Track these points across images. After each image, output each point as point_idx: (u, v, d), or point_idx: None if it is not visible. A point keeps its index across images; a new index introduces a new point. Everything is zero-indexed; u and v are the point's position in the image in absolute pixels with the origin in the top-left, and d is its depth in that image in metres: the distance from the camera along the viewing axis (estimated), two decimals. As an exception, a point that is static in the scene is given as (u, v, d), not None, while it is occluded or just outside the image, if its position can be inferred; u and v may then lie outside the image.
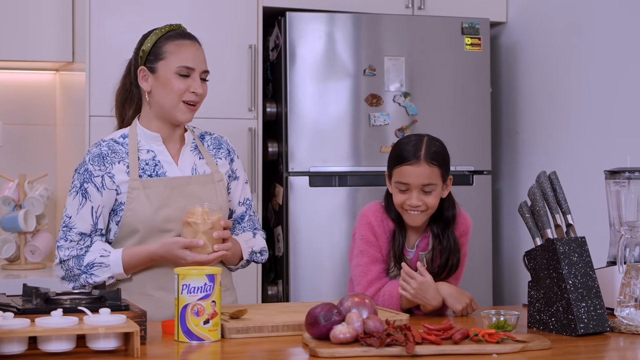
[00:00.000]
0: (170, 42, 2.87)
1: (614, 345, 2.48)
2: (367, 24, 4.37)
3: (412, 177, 2.93)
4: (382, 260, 2.98)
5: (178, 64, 2.84)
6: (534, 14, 4.61)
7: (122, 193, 2.81)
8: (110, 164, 2.82)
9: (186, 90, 2.84)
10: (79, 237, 2.80)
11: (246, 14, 4.24)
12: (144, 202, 2.80)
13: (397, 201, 2.97)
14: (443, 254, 3.00)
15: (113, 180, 2.81)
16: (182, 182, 2.86)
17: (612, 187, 2.89)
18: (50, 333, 2.15)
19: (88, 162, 2.83)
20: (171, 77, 2.84)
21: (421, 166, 2.94)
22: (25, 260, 4.26)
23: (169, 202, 2.82)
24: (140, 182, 2.81)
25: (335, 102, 4.31)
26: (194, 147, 2.96)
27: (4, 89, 4.51)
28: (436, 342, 2.28)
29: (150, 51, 2.88)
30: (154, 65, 2.86)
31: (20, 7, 4.19)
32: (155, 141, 2.89)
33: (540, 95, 4.56)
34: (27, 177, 4.33)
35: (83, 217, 2.81)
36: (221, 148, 3.02)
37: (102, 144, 2.87)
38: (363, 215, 3.05)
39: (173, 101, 2.84)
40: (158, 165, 2.86)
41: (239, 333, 2.45)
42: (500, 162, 4.79)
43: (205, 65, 2.91)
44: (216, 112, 4.14)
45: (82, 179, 2.82)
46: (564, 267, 2.55)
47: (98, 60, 4.01)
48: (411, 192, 2.94)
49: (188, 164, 2.92)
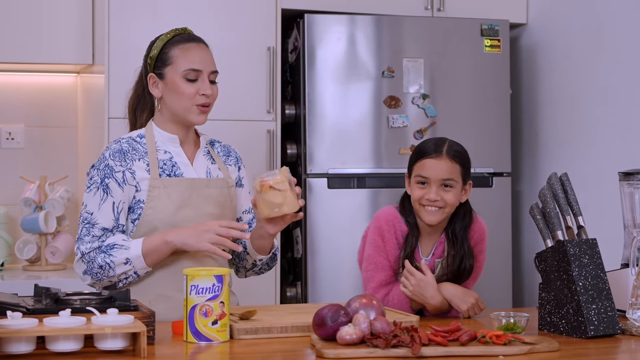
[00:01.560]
0: (176, 47, 2.89)
1: (625, 347, 2.47)
2: (386, 26, 4.37)
3: (432, 170, 2.94)
4: (388, 266, 2.97)
5: (185, 67, 2.85)
6: (554, 15, 4.59)
7: (141, 190, 2.83)
8: (131, 160, 2.84)
9: (196, 94, 2.85)
10: (101, 232, 2.79)
11: (265, 16, 4.25)
12: (165, 201, 2.82)
13: (415, 196, 2.96)
14: (456, 259, 2.99)
15: (134, 176, 2.82)
16: (201, 184, 2.88)
17: (626, 188, 2.87)
18: (56, 333, 2.17)
19: (109, 158, 2.83)
20: (179, 81, 2.85)
21: (442, 160, 2.96)
22: (46, 261, 4.30)
23: (189, 203, 2.85)
24: (161, 181, 2.83)
25: (353, 104, 4.32)
26: (206, 151, 2.99)
27: (26, 91, 4.54)
28: (442, 344, 2.27)
29: (158, 57, 2.89)
30: (162, 72, 2.88)
31: (41, 11, 4.22)
32: (173, 143, 2.91)
33: (560, 96, 4.54)
34: (48, 178, 4.37)
35: (105, 213, 2.80)
36: (230, 155, 3.05)
37: (122, 141, 2.89)
38: (375, 219, 3.05)
39: (185, 105, 2.86)
40: (175, 166, 2.88)
41: (247, 334, 2.46)
42: (521, 164, 4.77)
43: (213, 66, 2.91)
44: (235, 114, 4.17)
45: (103, 175, 2.82)
46: (574, 269, 2.53)
47: (117, 63, 4.03)
48: (430, 187, 2.94)
49: (202, 167, 2.94)
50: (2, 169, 4.49)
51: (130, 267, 2.76)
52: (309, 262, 4.26)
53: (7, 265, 4.32)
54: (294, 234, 4.37)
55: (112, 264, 2.75)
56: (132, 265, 2.76)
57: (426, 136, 4.35)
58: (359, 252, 3.11)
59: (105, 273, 2.75)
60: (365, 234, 3.09)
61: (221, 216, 2.88)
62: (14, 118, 4.53)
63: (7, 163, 4.50)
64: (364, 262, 3.03)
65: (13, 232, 4.37)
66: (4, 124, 4.51)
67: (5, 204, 4.41)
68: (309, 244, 4.26)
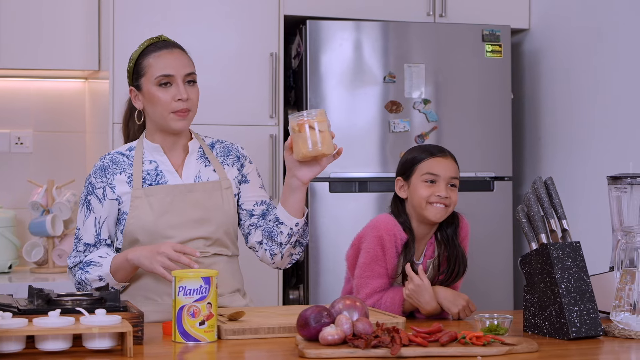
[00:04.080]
0: (148, 56, 2.93)
1: (606, 349, 2.50)
2: (388, 32, 4.42)
3: (442, 168, 3.02)
4: (385, 274, 3.00)
5: (156, 74, 2.88)
6: (556, 20, 4.62)
7: (123, 203, 2.90)
8: (111, 175, 2.91)
9: (172, 100, 2.88)
10: (84, 248, 2.92)
11: (268, 22, 4.31)
12: (147, 209, 2.88)
13: (423, 194, 3.00)
14: (450, 260, 3.04)
15: (113, 190, 2.90)
16: (184, 189, 2.92)
17: (614, 192, 2.90)
18: (43, 332, 2.23)
19: (92, 176, 2.93)
20: (154, 90, 2.89)
21: (449, 159, 3.05)
22: (53, 263, 4.37)
23: (171, 209, 2.89)
24: (143, 191, 2.89)
25: (355, 109, 4.37)
26: (199, 155, 3.01)
27: (35, 97, 4.63)
28: (422, 344, 2.32)
29: (134, 70, 2.95)
30: (139, 83, 2.93)
31: (50, 18, 4.30)
32: (157, 152, 2.96)
33: (562, 101, 4.57)
34: (56, 182, 4.44)
35: (88, 229, 2.92)
36: (229, 155, 3.06)
37: (106, 157, 2.96)
38: (373, 228, 3.04)
39: (162, 113, 2.90)
40: (160, 175, 2.93)
41: (235, 334, 2.51)
42: (522, 168, 4.81)
43: (186, 68, 2.92)
44: (238, 119, 4.24)
45: (87, 192, 2.93)
46: (557, 271, 2.58)
47: (121, 69, 4.08)
48: (439, 184, 3.00)
49: (192, 172, 2.97)
50: (11, 173, 4.57)
51: (105, 283, 2.85)
52: (311, 265, 4.31)
53: (15, 267, 4.40)
54: (296, 237, 4.42)
55: (88, 280, 2.86)
56: (105, 282, 2.85)
57: (427, 141, 4.39)
58: (349, 257, 3.13)
59: (83, 288, 2.87)
60: (357, 240, 3.10)
61: (207, 220, 2.92)
62: (23, 123, 4.61)
63: (16, 167, 4.58)
64: (358, 269, 3.04)
65: (21, 235, 4.45)
66: (13, 129, 4.60)
67: (13, 208, 4.50)
68: (312, 247, 4.31)
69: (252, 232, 3.03)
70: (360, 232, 3.12)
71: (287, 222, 2.92)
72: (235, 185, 3.03)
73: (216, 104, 4.17)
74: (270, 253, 3.00)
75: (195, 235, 2.91)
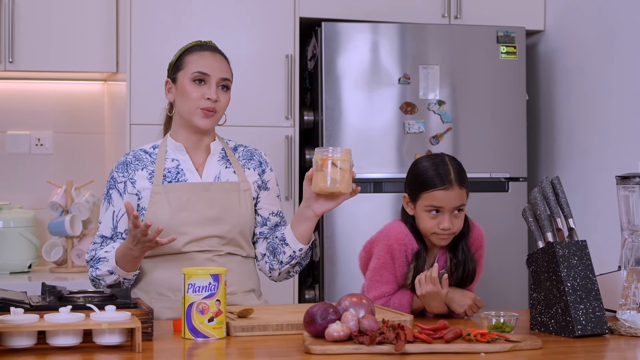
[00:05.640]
0: (191, 54, 3.00)
1: (611, 346, 2.52)
2: (403, 34, 4.44)
3: (445, 201, 2.96)
4: (394, 281, 3.02)
5: (193, 70, 2.95)
6: (572, 22, 4.63)
7: (142, 198, 2.96)
8: (133, 171, 2.98)
9: (201, 97, 2.95)
10: (101, 240, 2.97)
11: (283, 24, 4.35)
12: (164, 205, 2.93)
13: (427, 226, 2.99)
14: (459, 267, 3.04)
15: (134, 185, 2.96)
16: (202, 187, 2.98)
17: (622, 192, 2.92)
18: (53, 328, 2.28)
19: (114, 171, 3.01)
20: (187, 84, 2.96)
21: (454, 190, 2.97)
22: (72, 263, 4.43)
23: (188, 207, 2.95)
24: (162, 188, 2.95)
25: (370, 111, 4.40)
26: (221, 156, 3.07)
27: (55, 99, 4.69)
28: (427, 341, 2.35)
29: (174, 64, 3.02)
30: (175, 76, 3.00)
31: (69, 21, 4.35)
32: (180, 151, 3.02)
33: (577, 102, 4.58)
34: (75, 183, 4.50)
35: (106, 221, 2.98)
36: (252, 159, 3.12)
37: (130, 154, 3.04)
38: (385, 236, 3.05)
39: (190, 107, 2.96)
40: (180, 173, 2.99)
41: (243, 331, 2.55)
42: (538, 169, 4.82)
43: (223, 73, 2.99)
44: (254, 120, 4.28)
45: (109, 186, 3.01)
46: (562, 269, 2.60)
47: (138, 71, 4.16)
48: (443, 215, 2.97)
49: (213, 172, 3.03)
50: (31, 174, 4.64)
51: (116, 276, 2.90)
52: (326, 265, 4.35)
53: (34, 267, 4.46)
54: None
55: (101, 276, 2.92)
56: (117, 275, 2.90)
57: (442, 142, 4.42)
58: (361, 258, 3.15)
59: (98, 284, 2.93)
60: (369, 244, 3.12)
61: (223, 219, 2.97)
62: (43, 124, 4.68)
63: (35, 168, 4.64)
64: (369, 272, 3.06)
65: (40, 235, 4.51)
66: (34, 130, 4.66)
67: (33, 208, 4.56)
68: (327, 248, 4.34)
69: (260, 241, 3.10)
70: (373, 236, 3.13)
71: (292, 245, 2.99)
72: (254, 189, 3.08)
73: (232, 106, 4.14)
74: (270, 267, 3.07)
75: (210, 234, 2.96)
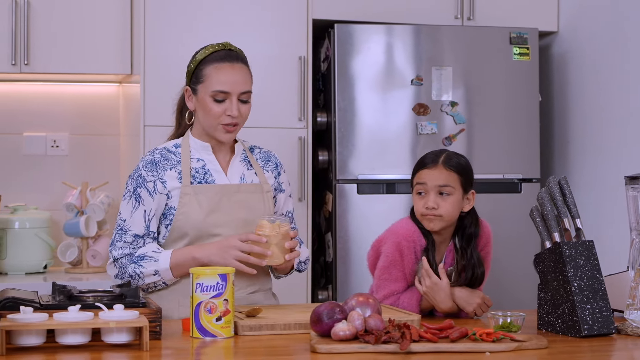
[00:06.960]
0: (209, 65, 2.99)
1: (616, 346, 2.53)
2: (416, 35, 4.46)
3: (428, 177, 3.03)
4: (403, 278, 3.04)
5: (214, 88, 2.95)
6: (585, 23, 4.63)
7: (172, 198, 2.97)
8: (162, 170, 2.98)
9: (223, 114, 2.96)
10: (132, 239, 2.96)
11: (296, 26, 4.37)
12: (196, 207, 2.95)
13: (417, 208, 3.06)
14: (468, 269, 3.05)
15: (164, 185, 2.97)
16: (231, 189, 3.01)
17: (631, 192, 2.93)
18: (62, 326, 2.31)
19: (142, 169, 2.99)
20: (208, 101, 2.97)
21: (438, 169, 3.03)
22: (87, 264, 4.46)
23: (219, 208, 2.97)
24: (192, 189, 2.97)
25: (383, 112, 4.41)
26: (243, 157, 3.11)
27: (70, 101, 4.72)
28: (432, 340, 2.36)
29: (193, 73, 3.02)
30: (195, 87, 3.00)
31: (83, 23, 4.38)
32: (206, 151, 3.04)
33: (591, 104, 4.58)
34: (91, 185, 4.54)
35: (136, 220, 2.97)
36: (270, 161, 3.16)
37: (156, 152, 3.04)
38: (393, 233, 3.09)
39: (212, 124, 2.98)
40: (207, 174, 3.02)
41: (251, 330, 2.57)
42: (551, 170, 4.82)
43: (243, 87, 2.99)
44: (267, 121, 4.30)
45: (136, 184, 2.98)
46: (569, 269, 2.61)
47: (152, 72, 4.19)
48: (428, 195, 3.02)
49: (237, 173, 3.06)
50: (47, 176, 4.67)
51: (159, 278, 2.93)
52: (339, 266, 4.36)
53: (50, 267, 4.50)
54: (325, 238, 4.48)
55: (142, 274, 2.92)
56: (160, 277, 2.93)
57: (455, 143, 4.43)
58: (369, 257, 3.17)
59: (135, 282, 2.93)
60: (377, 243, 3.15)
61: (251, 220, 2.97)
62: (59, 126, 4.71)
63: (51, 169, 4.68)
64: (377, 271, 3.09)
65: (56, 236, 4.55)
66: (50, 132, 4.70)
67: (49, 209, 4.60)
68: (340, 249, 4.36)
69: None
70: (381, 235, 3.16)
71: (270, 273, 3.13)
72: (273, 191, 3.13)
73: (246, 107, 4.23)
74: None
75: None
